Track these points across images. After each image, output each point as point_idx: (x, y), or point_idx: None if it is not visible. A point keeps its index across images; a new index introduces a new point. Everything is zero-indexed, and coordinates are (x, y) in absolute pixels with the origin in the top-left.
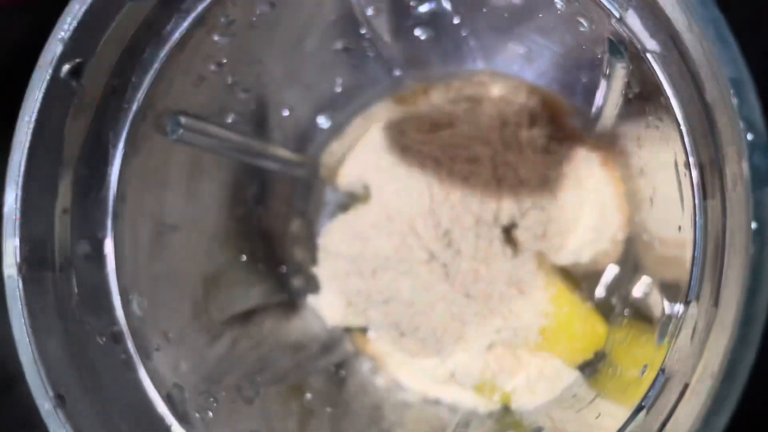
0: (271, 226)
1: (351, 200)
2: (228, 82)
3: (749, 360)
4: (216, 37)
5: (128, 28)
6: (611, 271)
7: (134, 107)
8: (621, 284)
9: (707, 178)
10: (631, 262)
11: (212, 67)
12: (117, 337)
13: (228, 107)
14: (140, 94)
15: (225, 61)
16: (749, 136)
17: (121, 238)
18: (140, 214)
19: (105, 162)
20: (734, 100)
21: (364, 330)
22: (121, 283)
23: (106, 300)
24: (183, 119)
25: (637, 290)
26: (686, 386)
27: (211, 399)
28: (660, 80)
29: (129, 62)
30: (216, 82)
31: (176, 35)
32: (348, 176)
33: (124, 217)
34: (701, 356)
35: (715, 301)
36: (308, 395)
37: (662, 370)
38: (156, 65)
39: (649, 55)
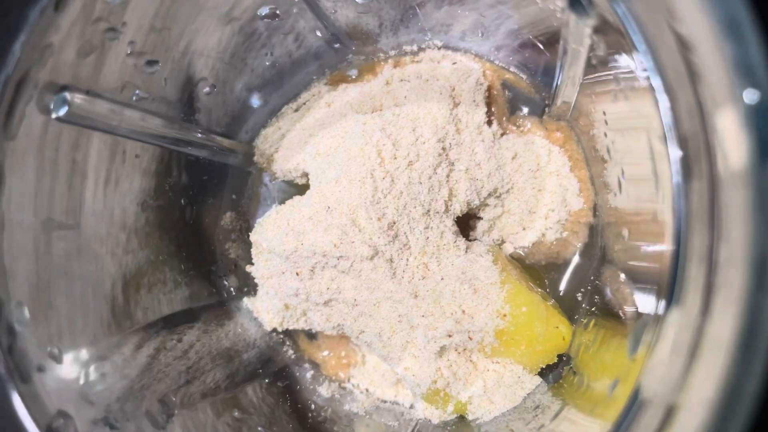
0: (199, 220)
1: (291, 189)
2: (128, 51)
3: (753, 388)
4: None
5: None
6: (576, 263)
7: (2, 79)
8: (587, 277)
9: (691, 154)
10: (598, 253)
11: (106, 33)
12: None
13: (132, 83)
14: (9, 64)
15: (121, 26)
16: (749, 95)
17: None
18: (21, 209)
19: None
20: (726, 48)
21: (309, 332)
22: None
23: None
24: (70, 95)
25: (608, 285)
26: (671, 410)
27: (107, 427)
28: (629, 32)
29: None
30: (113, 51)
31: None
32: (285, 162)
33: None
34: (688, 376)
35: (705, 308)
36: (237, 413)
37: (637, 391)
38: (27, 28)
39: (615, 3)
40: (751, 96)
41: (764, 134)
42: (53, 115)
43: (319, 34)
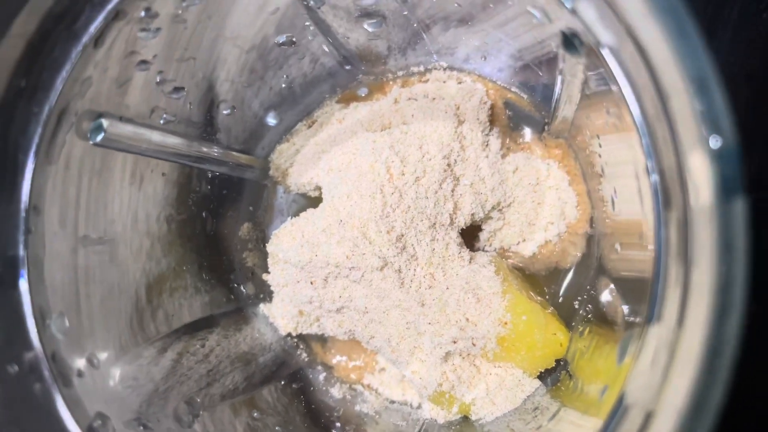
0: (218, 231)
1: (305, 201)
2: (157, 80)
3: (717, 398)
4: (139, 32)
5: (31, 20)
6: (574, 273)
7: (46, 110)
8: (584, 286)
9: (668, 186)
10: (595, 263)
11: (138, 65)
12: (32, 365)
13: (160, 107)
14: (52, 96)
15: (152, 58)
16: (713, 141)
17: (36, 255)
18: (61, 227)
19: (14, 172)
20: (695, 101)
21: (322, 337)
22: (36, 303)
23: (18, 323)
24: (105, 122)
25: (602, 294)
26: (649, 416)
27: (141, 427)
28: (615, 77)
29: (36, 60)
30: (143, 81)
31: (91, 30)
32: (299, 177)
33: (41, 231)
34: (664, 385)
35: (680, 324)
36: (255, 413)
37: (622, 397)
38: (69, 64)
39: (603, 49)
40: (715, 142)
41: (726, 175)
42: (91, 141)
43: (331, 56)
